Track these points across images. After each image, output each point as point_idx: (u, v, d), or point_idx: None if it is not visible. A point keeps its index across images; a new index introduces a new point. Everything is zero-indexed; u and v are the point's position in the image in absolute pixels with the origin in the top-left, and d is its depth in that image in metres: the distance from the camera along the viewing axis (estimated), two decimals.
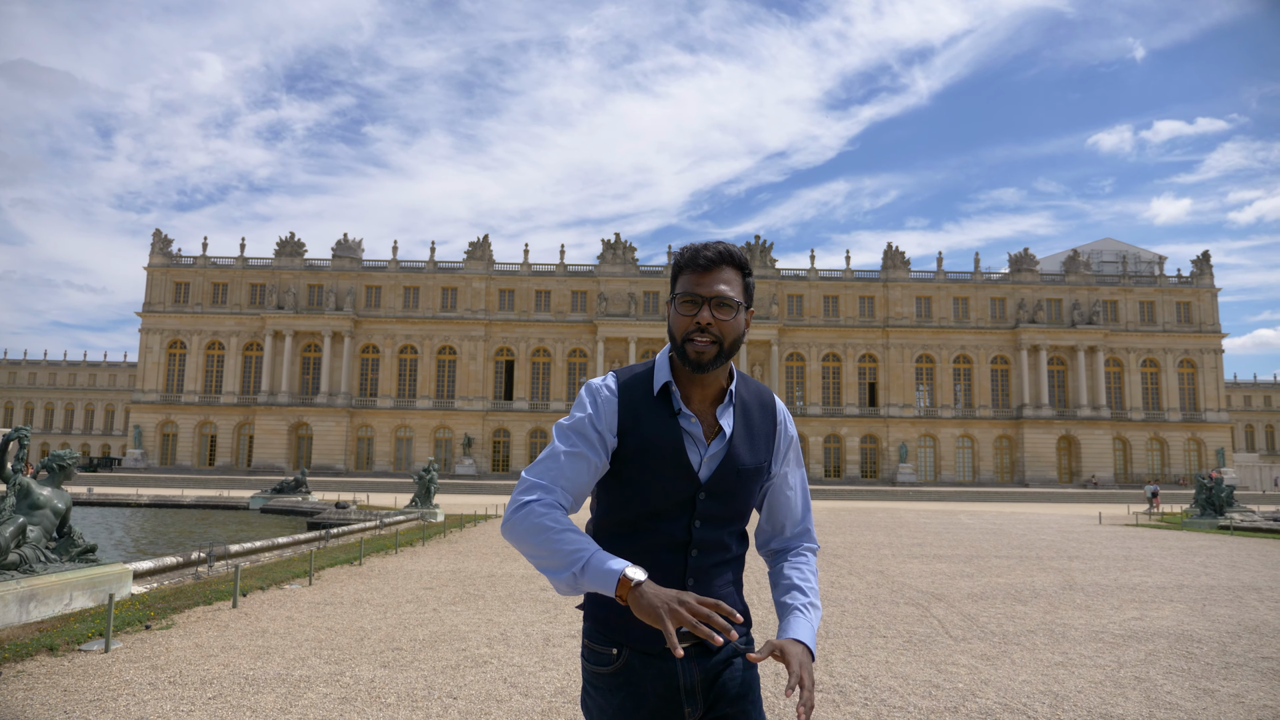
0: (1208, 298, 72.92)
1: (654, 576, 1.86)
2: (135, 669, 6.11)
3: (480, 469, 68.21)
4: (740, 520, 2.04)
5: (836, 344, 71.37)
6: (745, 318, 1.97)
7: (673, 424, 1.94)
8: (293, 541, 15.43)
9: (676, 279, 2.00)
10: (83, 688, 5.55)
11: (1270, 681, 6.34)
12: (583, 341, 71.01)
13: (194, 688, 5.64)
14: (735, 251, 1.97)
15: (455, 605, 9.39)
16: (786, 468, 2.11)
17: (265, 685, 5.75)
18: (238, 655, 6.64)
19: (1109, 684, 6.19)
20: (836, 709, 5.42)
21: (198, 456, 69.47)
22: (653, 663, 1.91)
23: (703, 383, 1.98)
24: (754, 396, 2.08)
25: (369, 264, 72.63)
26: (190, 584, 10.52)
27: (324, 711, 5.15)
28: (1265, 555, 17.45)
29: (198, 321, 70.65)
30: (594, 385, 2.00)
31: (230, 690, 5.59)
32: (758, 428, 2.04)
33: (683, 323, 1.93)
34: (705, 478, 1.94)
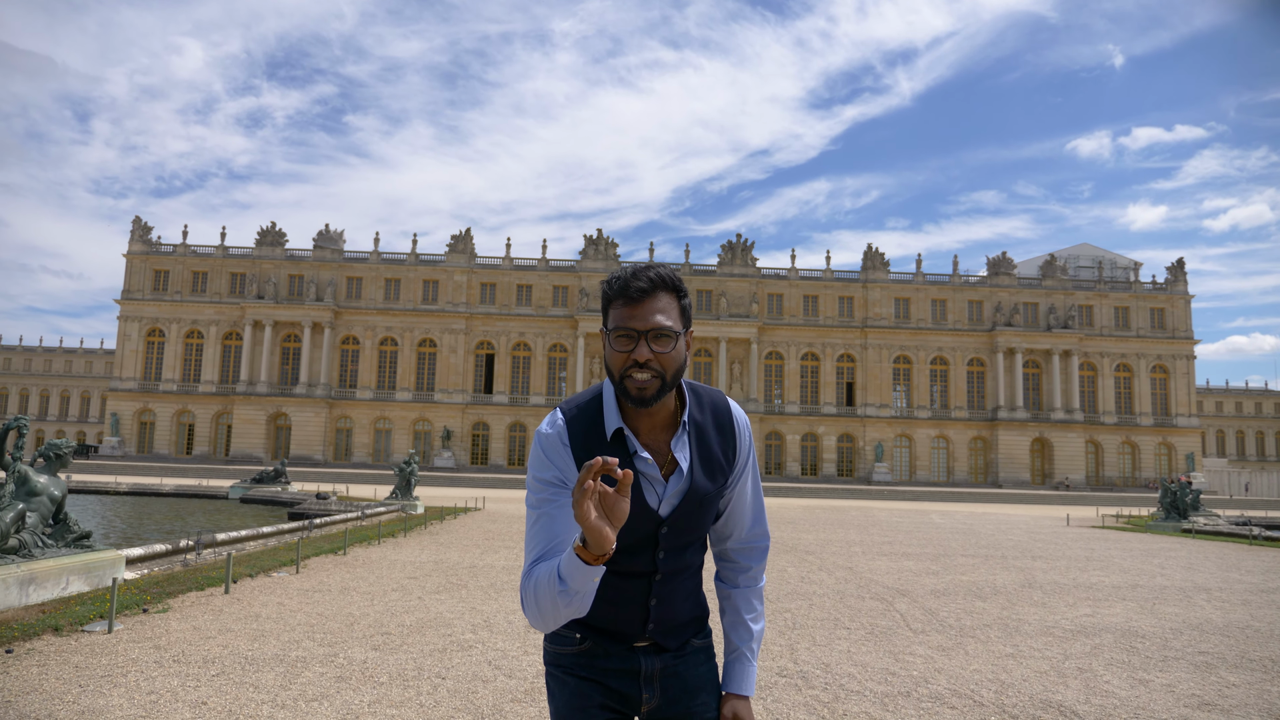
0: (1181, 304, 74.30)
1: (620, 599, 1.95)
2: (139, 648, 6.43)
3: (459, 462, 68.37)
4: (702, 536, 2.06)
5: (815, 343, 72.09)
6: (686, 341, 1.91)
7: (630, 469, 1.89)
8: (277, 531, 15.70)
9: (607, 310, 1.90)
10: (92, 665, 5.88)
11: (1202, 673, 6.84)
12: (563, 336, 71.29)
13: (197, 666, 5.98)
14: (668, 276, 1.90)
15: (439, 594, 9.75)
16: (743, 475, 2.08)
17: (264, 664, 6.10)
18: (235, 637, 6.98)
19: (1053, 674, 6.67)
20: (798, 692, 5.85)
21: (175, 445, 69.15)
22: (614, 648, 2.00)
23: (650, 413, 1.93)
24: (709, 415, 2.01)
25: (350, 255, 72.49)
26: (180, 570, 10.80)
27: (322, 688, 5.51)
28: (1222, 558, 18.12)
29: (177, 310, 70.25)
30: (546, 437, 1.92)
31: (232, 669, 5.94)
32: (715, 453, 1.99)
33: (619, 359, 1.86)
34: (666, 514, 1.93)
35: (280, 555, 12.53)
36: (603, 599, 1.93)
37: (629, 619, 2.00)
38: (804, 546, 17.69)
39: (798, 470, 69.95)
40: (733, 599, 2.16)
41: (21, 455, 9.31)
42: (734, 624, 2.15)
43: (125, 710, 4.90)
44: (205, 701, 5.13)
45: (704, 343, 70.95)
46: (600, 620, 1.99)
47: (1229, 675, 6.77)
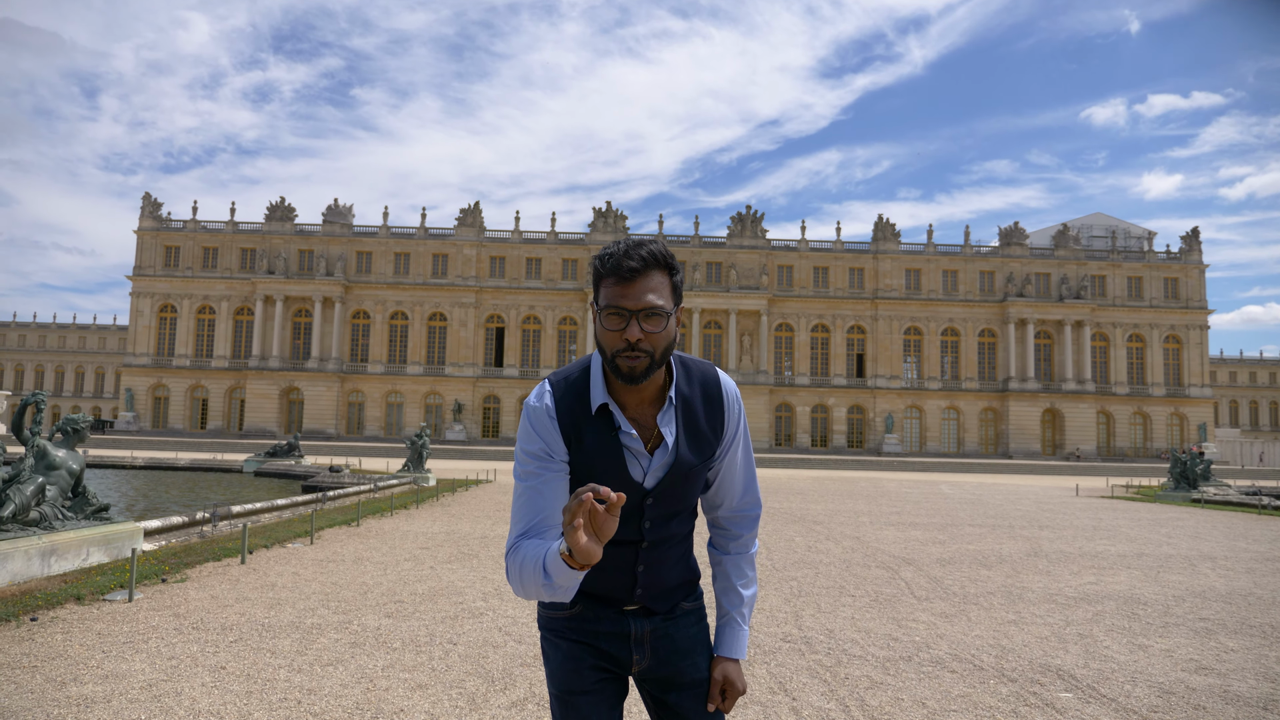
0: (1195, 274, 73.66)
1: (608, 566, 1.98)
2: (159, 616, 6.61)
3: (470, 435, 68.84)
4: (689, 506, 2.10)
5: (826, 315, 71.92)
6: (675, 319, 1.91)
7: (613, 442, 1.94)
8: (291, 503, 15.93)
9: (599, 286, 1.90)
10: (114, 632, 6.05)
11: (1201, 639, 6.94)
12: (573, 309, 71.36)
13: (216, 633, 6.15)
14: (660, 253, 1.89)
15: (451, 564, 9.92)
16: (733, 446, 2.10)
17: (281, 631, 6.26)
18: (251, 606, 7.15)
19: (1053, 639, 6.77)
20: (801, 657, 5.97)
21: (189, 420, 69.83)
22: (605, 612, 2.06)
23: (638, 389, 1.95)
24: (698, 388, 2.03)
25: (359, 230, 72.57)
26: (197, 542, 11.01)
27: (337, 654, 5.67)
28: (1230, 527, 18.17)
29: (188, 285, 70.62)
30: (534, 410, 1.95)
31: (249, 635, 6.11)
32: (703, 425, 2.02)
33: (611, 338, 1.87)
34: (651, 486, 1.97)
35: (294, 527, 12.75)
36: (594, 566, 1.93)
37: (617, 585, 2.05)
38: (812, 517, 17.84)
39: (808, 442, 70.11)
40: (724, 565, 2.20)
41: (40, 430, 9.48)
42: (725, 589, 2.20)
43: (147, 674, 5.06)
44: (224, 666, 5.29)
45: (714, 315, 70.90)
46: (590, 585, 2.03)
47: (1228, 640, 6.86)
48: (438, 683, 5.10)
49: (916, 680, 5.45)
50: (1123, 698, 5.16)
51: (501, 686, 5.06)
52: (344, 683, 5.04)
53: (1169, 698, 5.19)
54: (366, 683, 5.05)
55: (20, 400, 9.40)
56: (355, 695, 4.80)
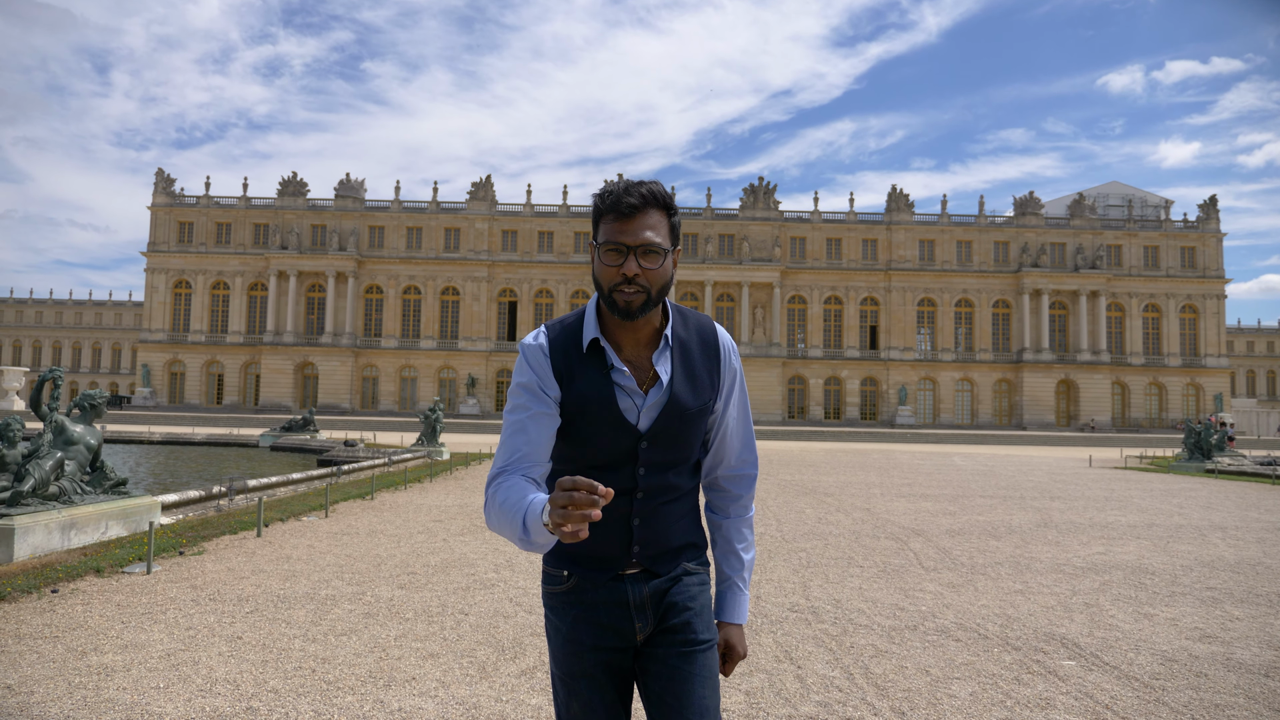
0: (1213, 243, 72.77)
1: (604, 522, 1.91)
2: (177, 588, 6.75)
3: (484, 408, 69.20)
4: (687, 459, 2.04)
5: (839, 286, 71.58)
6: (673, 259, 1.93)
7: (605, 379, 1.93)
8: (306, 477, 16.12)
9: (598, 223, 1.92)
10: (133, 603, 6.19)
11: (1207, 608, 6.96)
12: (585, 283, 71.29)
13: (232, 604, 6.27)
14: (659, 192, 1.90)
15: (463, 536, 10.05)
16: (730, 399, 2.08)
17: (296, 602, 6.38)
18: (267, 578, 7.28)
19: (1059, 609, 6.81)
20: (808, 626, 6.05)
21: (205, 395, 70.49)
22: (601, 582, 1.99)
23: (634, 328, 1.96)
24: (694, 333, 2.03)
25: (372, 204, 72.58)
26: (214, 515, 11.18)
27: (350, 624, 5.78)
28: (1242, 497, 18.12)
29: (202, 261, 70.97)
30: (528, 346, 1.97)
31: (265, 606, 6.23)
32: (699, 368, 2.01)
33: (608, 273, 1.89)
34: (645, 427, 1.94)
35: (310, 500, 12.91)
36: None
37: (612, 541, 1.98)
38: (823, 489, 17.90)
39: (821, 414, 70.09)
40: (723, 529, 2.17)
41: (58, 406, 9.62)
42: (725, 554, 2.17)
43: (165, 644, 5.18)
44: (240, 636, 5.41)
45: (726, 287, 70.70)
46: (584, 546, 1.97)
47: (1234, 609, 6.89)
48: (449, 652, 5.20)
49: (921, 649, 5.51)
50: (1125, 665, 5.20)
51: (511, 655, 5.16)
52: (357, 652, 5.14)
53: (1171, 665, 5.23)
54: (379, 652, 5.16)
55: (38, 376, 9.52)
56: (368, 664, 4.91)
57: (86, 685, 4.41)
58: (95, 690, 4.34)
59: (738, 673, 4.89)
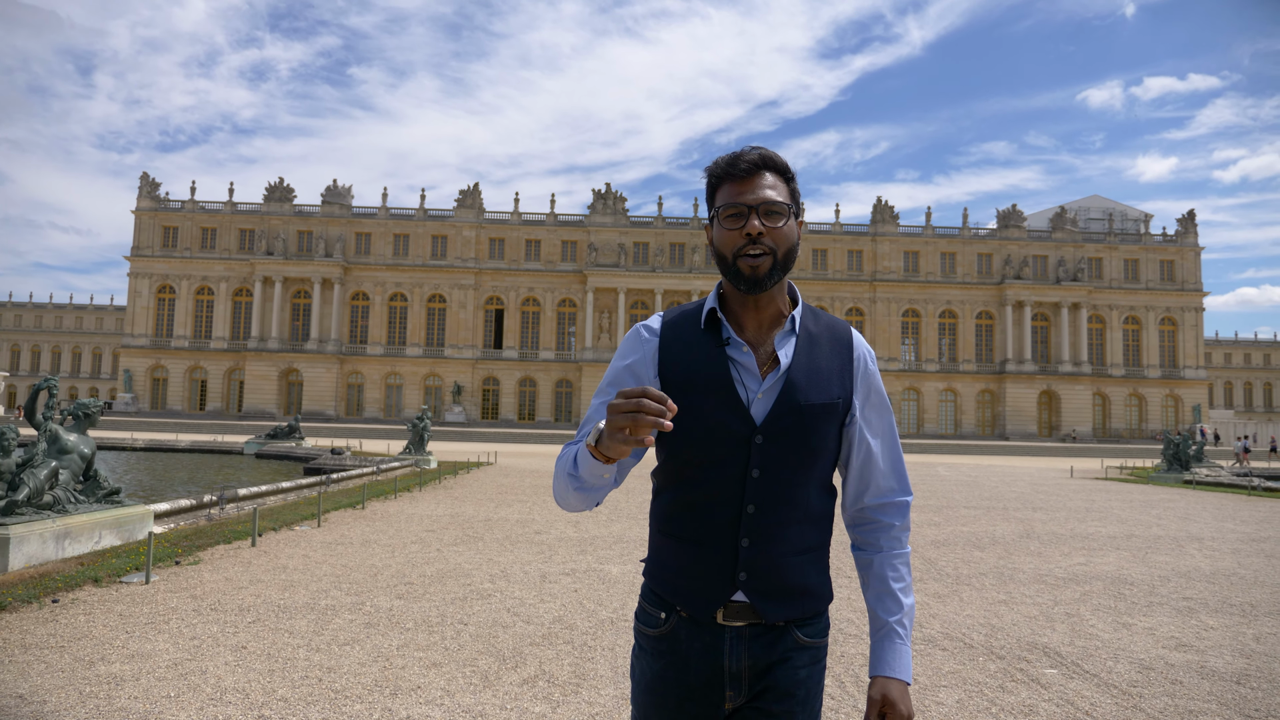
0: (1191, 256, 73.83)
1: (705, 534, 1.73)
2: (177, 598, 6.83)
3: (470, 417, 69.12)
4: (813, 469, 1.75)
5: (824, 297, 72.05)
6: (797, 225, 1.78)
7: (720, 355, 1.75)
8: (296, 486, 16.17)
9: (714, 194, 1.80)
10: (135, 613, 6.27)
11: (1184, 617, 7.19)
12: (572, 291, 71.45)
13: (234, 613, 6.37)
14: (775, 156, 1.79)
15: (457, 546, 10.16)
16: (868, 411, 1.81)
17: (297, 612, 6.49)
18: (265, 587, 7.38)
19: (1041, 618, 7.01)
20: None
21: (188, 401, 70.03)
22: (700, 634, 1.75)
23: (758, 305, 1.78)
24: (825, 329, 1.82)
25: (358, 211, 72.50)
26: (206, 525, 11.24)
27: (352, 634, 5.90)
28: (1219, 508, 18.46)
29: (187, 266, 70.62)
30: (636, 328, 1.85)
31: (267, 616, 6.33)
32: (826, 359, 1.78)
33: (730, 238, 1.74)
34: (760, 416, 1.71)
35: (301, 509, 12.97)
36: (687, 536, 1.75)
37: (714, 562, 1.73)
38: None
39: None
40: (875, 566, 1.83)
41: (52, 415, 9.67)
42: (879, 595, 1.82)
43: (171, 654, 5.28)
44: (245, 646, 5.51)
45: None
46: (684, 572, 1.77)
47: (1209, 619, 7.12)
48: (451, 661, 5.33)
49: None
50: (1104, 673, 5.40)
51: (513, 665, 5.29)
52: (361, 661, 5.26)
53: (1148, 673, 5.43)
54: (383, 661, 5.28)
55: (33, 386, 9.56)
56: (373, 673, 5.03)
57: (98, 695, 4.51)
58: (107, 699, 4.44)
59: None
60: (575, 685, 4.91)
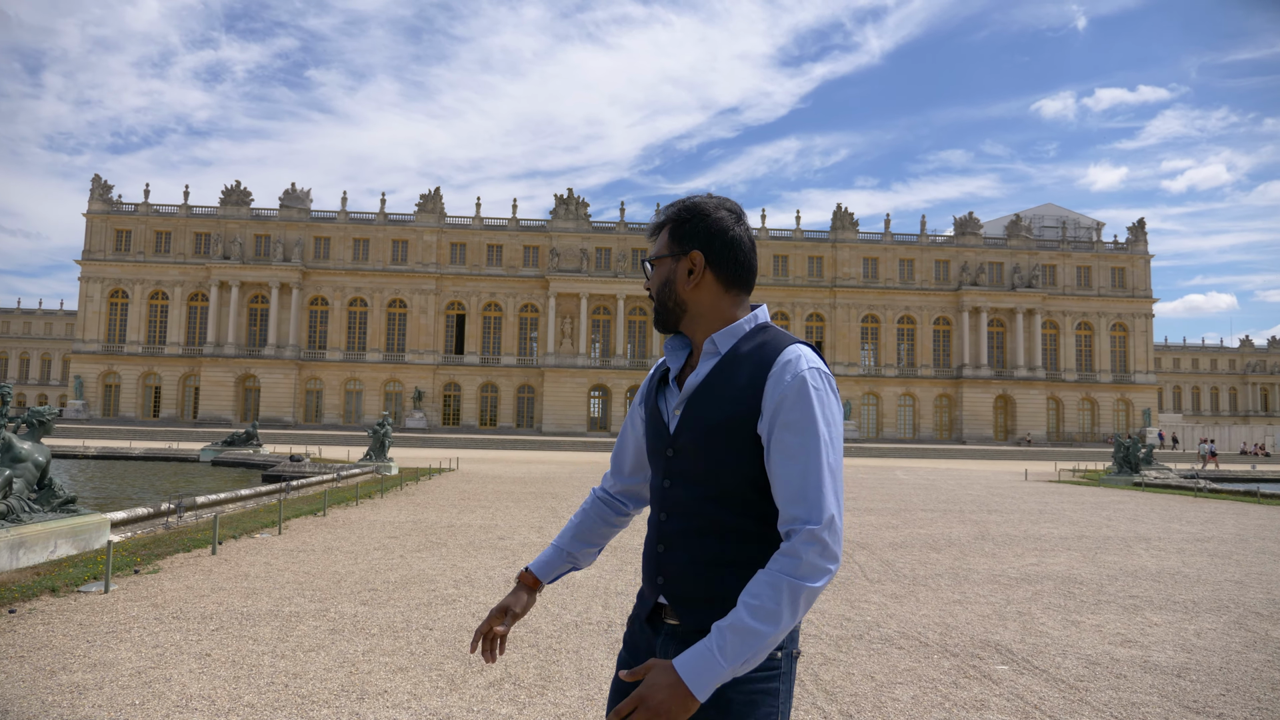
0: (1141, 264, 75.86)
1: (645, 541, 1.95)
2: (138, 607, 6.77)
3: (431, 422, 68.57)
4: (716, 483, 1.78)
5: (785, 303, 72.77)
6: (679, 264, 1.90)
7: (664, 384, 2.00)
8: (255, 493, 15.97)
9: None
10: (95, 623, 6.21)
11: (1129, 615, 7.46)
12: (534, 296, 71.29)
13: (196, 622, 6.33)
14: (665, 211, 2.00)
15: (420, 552, 10.15)
16: (778, 430, 1.72)
17: (260, 619, 6.47)
18: (228, 595, 7.33)
19: (994, 617, 7.23)
20: None
21: (142, 408, 68.57)
22: (645, 628, 1.92)
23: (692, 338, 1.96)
24: (755, 349, 1.82)
25: (317, 215, 71.65)
26: (164, 533, 11.08)
27: (317, 640, 5.90)
28: (1167, 510, 19.03)
29: (140, 270, 69.20)
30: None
31: (230, 624, 6.31)
32: (736, 379, 1.79)
33: None
34: (673, 431, 1.86)
35: (261, 517, 12.84)
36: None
37: (647, 565, 1.93)
38: None
39: None
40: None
41: (4, 423, 9.49)
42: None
43: (134, 662, 5.25)
44: (209, 654, 5.49)
45: None
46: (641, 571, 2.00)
47: (1153, 616, 7.39)
48: (417, 665, 5.37)
49: (866, 656, 5.85)
50: (1053, 669, 5.60)
51: (479, 668, 5.34)
52: (327, 667, 5.28)
53: (1095, 668, 5.65)
54: (349, 666, 5.30)
55: None
56: (339, 678, 5.05)
57: (61, 704, 4.49)
58: (71, 708, 4.42)
59: None
60: (541, 687, 4.99)
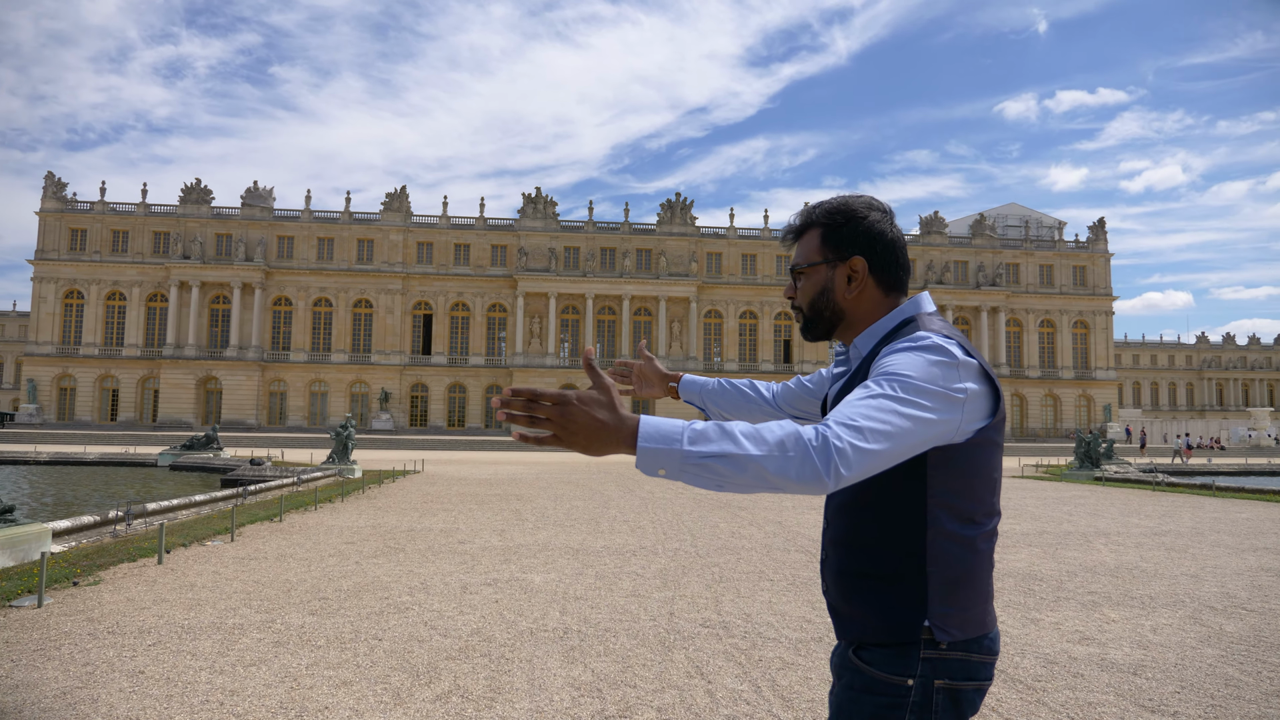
0: (1101, 262, 77.17)
1: None
2: (72, 621, 6.49)
3: (398, 423, 67.86)
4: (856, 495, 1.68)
5: (754, 301, 73.01)
6: (836, 272, 1.80)
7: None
8: (210, 499, 15.58)
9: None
10: (24, 639, 5.93)
11: (1087, 611, 7.45)
12: (502, 296, 70.83)
13: (133, 636, 6.08)
14: (809, 214, 1.87)
15: (377, 558, 9.92)
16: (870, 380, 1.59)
17: (201, 632, 6.23)
18: (170, 607, 7.07)
19: None
20: (719, 640, 6.23)
21: (98, 412, 67.08)
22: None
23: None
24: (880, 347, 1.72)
25: (281, 213, 70.56)
26: (111, 542, 10.73)
27: (260, 654, 5.68)
28: (1126, 504, 19.27)
29: (96, 270, 67.68)
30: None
31: (168, 638, 6.06)
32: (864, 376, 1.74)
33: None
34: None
35: (214, 523, 12.51)
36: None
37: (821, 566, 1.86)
38: (737, 503, 18.24)
39: None
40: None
41: None
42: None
43: (61, 682, 5.01)
44: (143, 671, 5.26)
45: (644, 301, 71.30)
46: None
47: (1110, 612, 7.39)
48: (362, 679, 5.18)
49: (825, 661, 5.75)
50: (1011, 669, 5.55)
51: (426, 680, 5.17)
52: (267, 682, 5.07)
53: (1052, 667, 5.60)
54: (290, 682, 5.10)
55: None
56: (279, 695, 4.85)
57: None
58: None
59: (649, 690, 5.02)
60: (490, 700, 4.82)
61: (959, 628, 1.63)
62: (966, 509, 1.65)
